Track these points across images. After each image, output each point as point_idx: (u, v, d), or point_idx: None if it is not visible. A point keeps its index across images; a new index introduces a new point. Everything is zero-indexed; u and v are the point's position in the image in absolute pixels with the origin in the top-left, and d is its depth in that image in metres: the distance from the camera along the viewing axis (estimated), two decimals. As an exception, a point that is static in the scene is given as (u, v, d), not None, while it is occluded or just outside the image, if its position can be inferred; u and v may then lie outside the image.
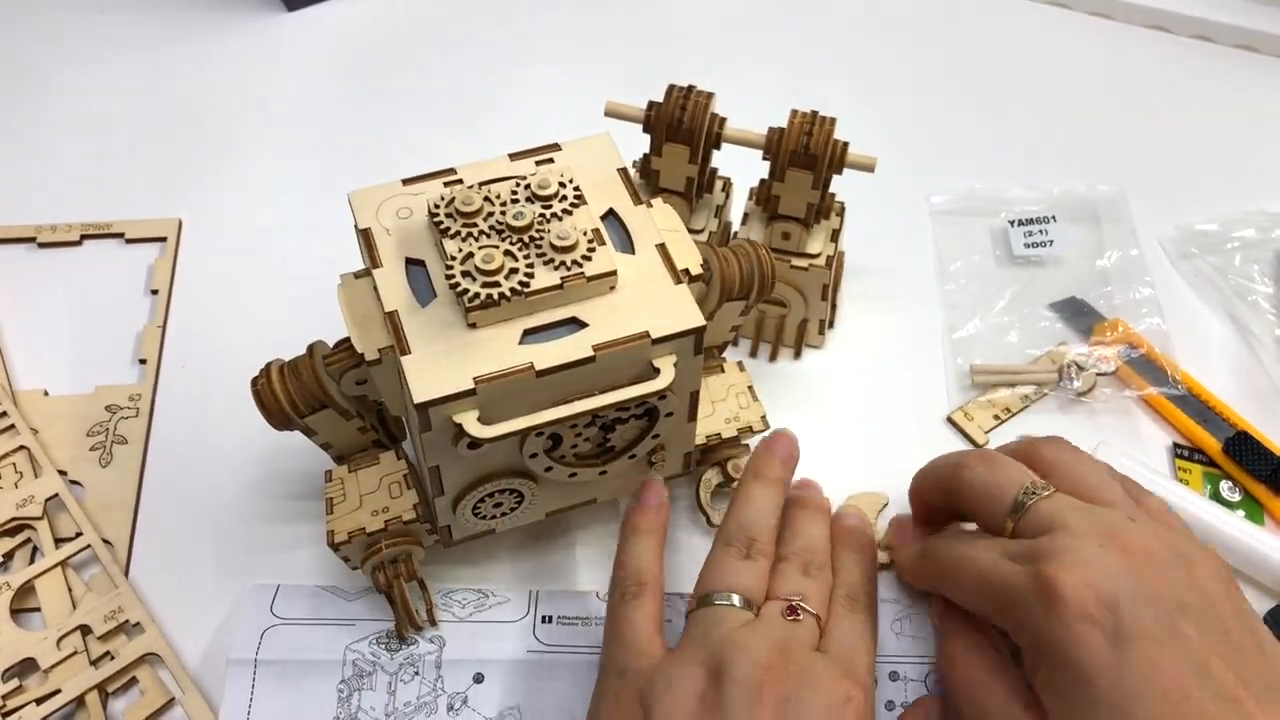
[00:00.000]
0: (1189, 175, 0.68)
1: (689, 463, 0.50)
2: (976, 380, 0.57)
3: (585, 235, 0.41)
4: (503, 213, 0.42)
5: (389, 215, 0.44)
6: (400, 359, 0.40)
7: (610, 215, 0.44)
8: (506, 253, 0.41)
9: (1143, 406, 0.57)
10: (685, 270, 0.43)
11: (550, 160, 0.46)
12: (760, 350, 0.59)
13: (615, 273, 0.41)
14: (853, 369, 0.59)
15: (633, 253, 0.43)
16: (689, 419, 0.46)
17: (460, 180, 0.45)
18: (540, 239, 0.41)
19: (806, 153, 0.51)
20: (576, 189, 0.43)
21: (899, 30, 0.77)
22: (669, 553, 0.48)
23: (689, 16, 0.78)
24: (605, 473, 0.46)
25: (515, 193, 0.43)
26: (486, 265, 0.40)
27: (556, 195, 0.43)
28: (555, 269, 0.41)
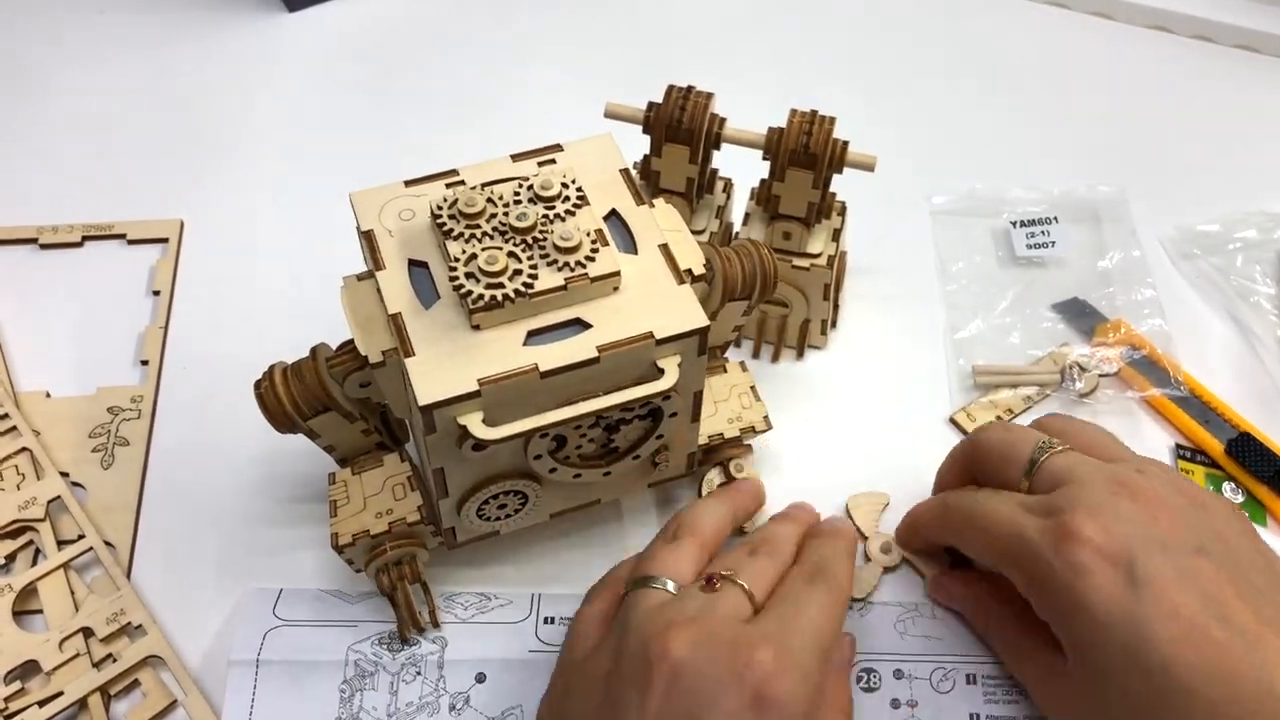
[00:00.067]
0: (1190, 175, 0.68)
1: (692, 463, 0.50)
2: (978, 381, 0.58)
3: (588, 236, 0.41)
4: (505, 214, 0.42)
5: (391, 216, 0.43)
6: (404, 361, 0.39)
7: (613, 216, 0.44)
8: (510, 254, 0.41)
9: (1145, 408, 0.57)
10: (688, 270, 0.44)
11: (552, 161, 0.46)
12: (763, 351, 0.59)
13: (619, 273, 0.41)
14: (855, 369, 0.59)
15: (635, 253, 0.43)
16: (692, 419, 0.46)
17: (462, 181, 0.45)
18: (543, 240, 0.41)
19: (806, 152, 0.51)
20: (579, 190, 0.43)
21: (899, 30, 0.77)
22: None
23: (689, 16, 0.78)
24: (609, 474, 0.46)
25: (518, 194, 0.43)
26: (490, 267, 0.40)
27: (559, 196, 0.43)
28: (559, 270, 0.41)
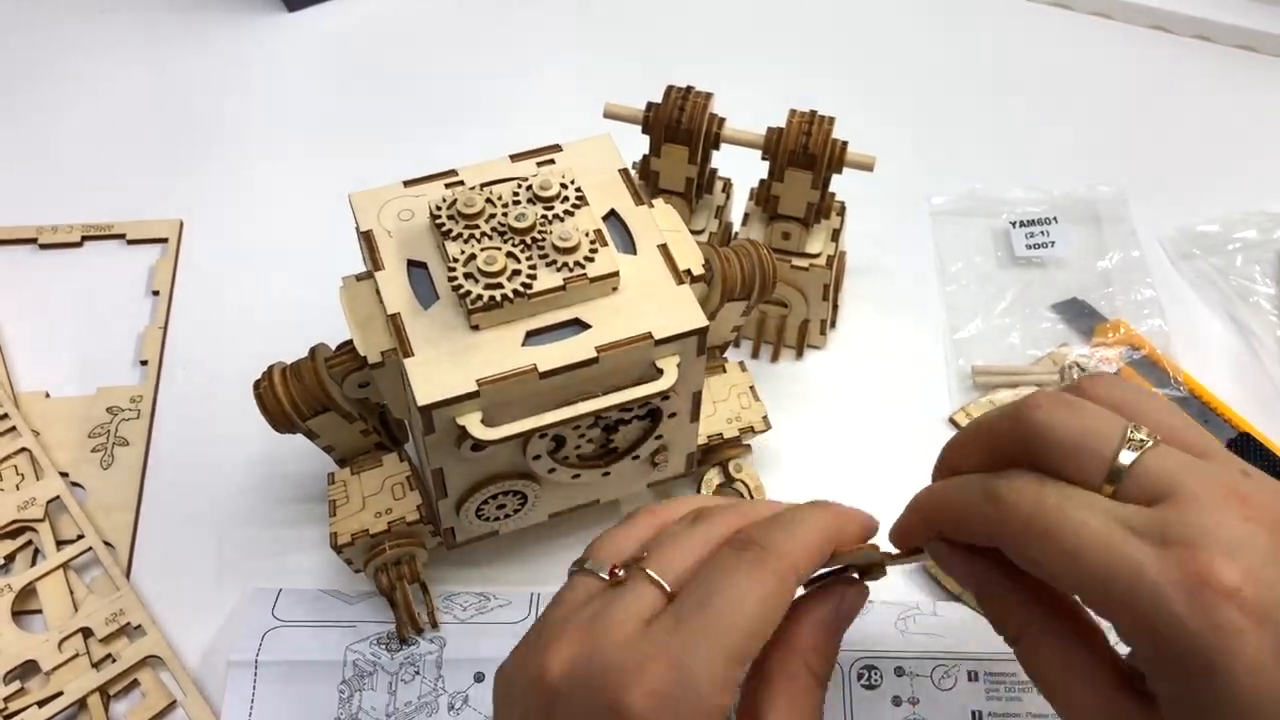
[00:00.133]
0: (1189, 176, 0.68)
1: (691, 463, 0.50)
2: (978, 381, 0.57)
3: (587, 236, 0.41)
4: (504, 214, 0.42)
5: (390, 217, 0.44)
6: (403, 361, 0.40)
7: (612, 216, 0.44)
8: (509, 254, 0.41)
9: (1144, 407, 0.57)
10: (687, 271, 0.44)
11: (551, 161, 0.46)
12: (762, 351, 0.59)
13: (618, 273, 0.41)
14: (854, 369, 0.59)
15: (635, 253, 0.43)
16: (691, 419, 0.46)
17: (461, 182, 0.45)
18: (542, 240, 0.41)
19: (805, 152, 0.51)
20: (578, 190, 0.43)
21: (898, 30, 0.77)
22: None
23: (688, 16, 0.78)
24: (608, 474, 0.46)
25: (517, 194, 0.43)
26: (489, 267, 0.40)
27: (558, 196, 0.43)
28: (558, 270, 0.41)
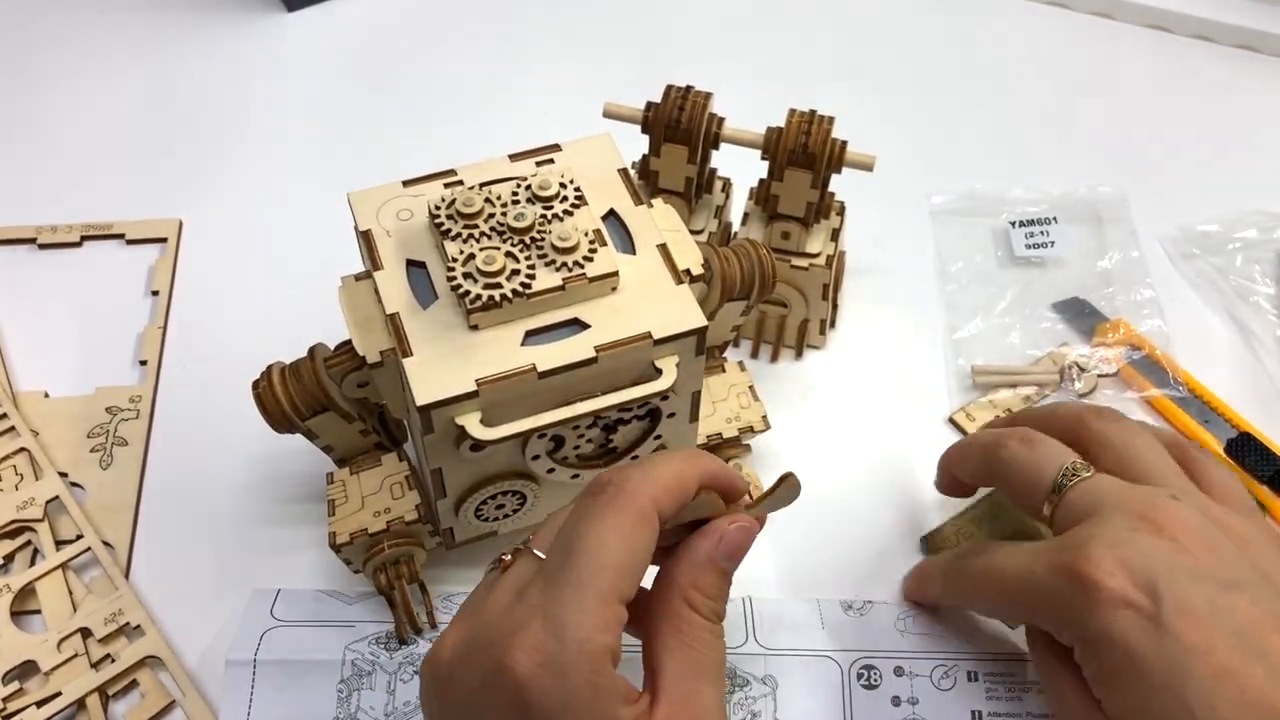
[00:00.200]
0: (1189, 175, 0.68)
1: (690, 464, 0.50)
2: (978, 381, 0.57)
3: (586, 236, 0.41)
4: (504, 214, 0.42)
5: (389, 217, 0.43)
6: (402, 361, 0.39)
7: (611, 216, 0.44)
8: (508, 254, 0.41)
9: (1145, 408, 0.57)
10: (686, 270, 0.43)
11: (550, 161, 0.46)
12: (761, 350, 0.59)
13: (617, 273, 0.41)
14: (854, 369, 0.59)
15: (634, 253, 0.43)
16: (691, 419, 0.46)
17: (461, 181, 0.45)
18: (541, 240, 0.41)
19: (805, 152, 0.51)
20: (577, 190, 0.43)
21: (898, 30, 0.77)
22: None
23: (688, 16, 0.78)
24: (607, 474, 0.46)
25: (516, 194, 0.43)
26: (488, 266, 0.40)
27: (557, 196, 0.43)
28: (557, 270, 0.41)
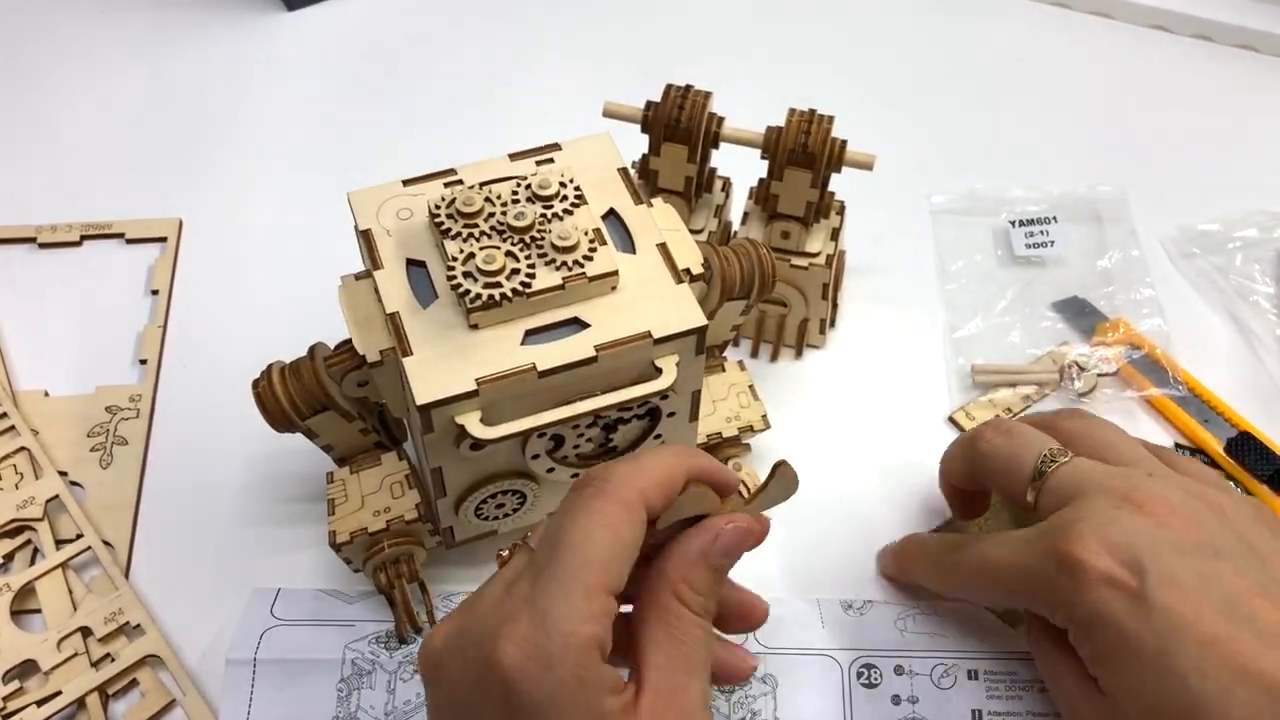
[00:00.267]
0: (1189, 175, 0.68)
1: (690, 463, 0.50)
2: (978, 380, 0.57)
3: (586, 235, 0.41)
4: (503, 213, 0.42)
5: (389, 216, 0.43)
6: (402, 360, 0.39)
7: (611, 215, 0.44)
8: (508, 253, 0.41)
9: (1144, 407, 0.57)
10: (686, 270, 0.43)
11: (550, 160, 0.46)
12: (761, 350, 0.59)
13: (617, 273, 0.41)
14: (854, 368, 0.59)
15: (634, 252, 0.43)
16: (691, 418, 0.46)
17: (460, 181, 0.45)
18: (541, 239, 0.41)
19: (804, 151, 0.51)
20: (577, 189, 0.43)
21: (898, 29, 0.77)
22: None
23: (688, 16, 0.78)
24: (607, 473, 0.46)
25: (516, 193, 0.43)
26: (488, 266, 0.40)
27: (557, 195, 0.43)
28: (557, 269, 0.41)
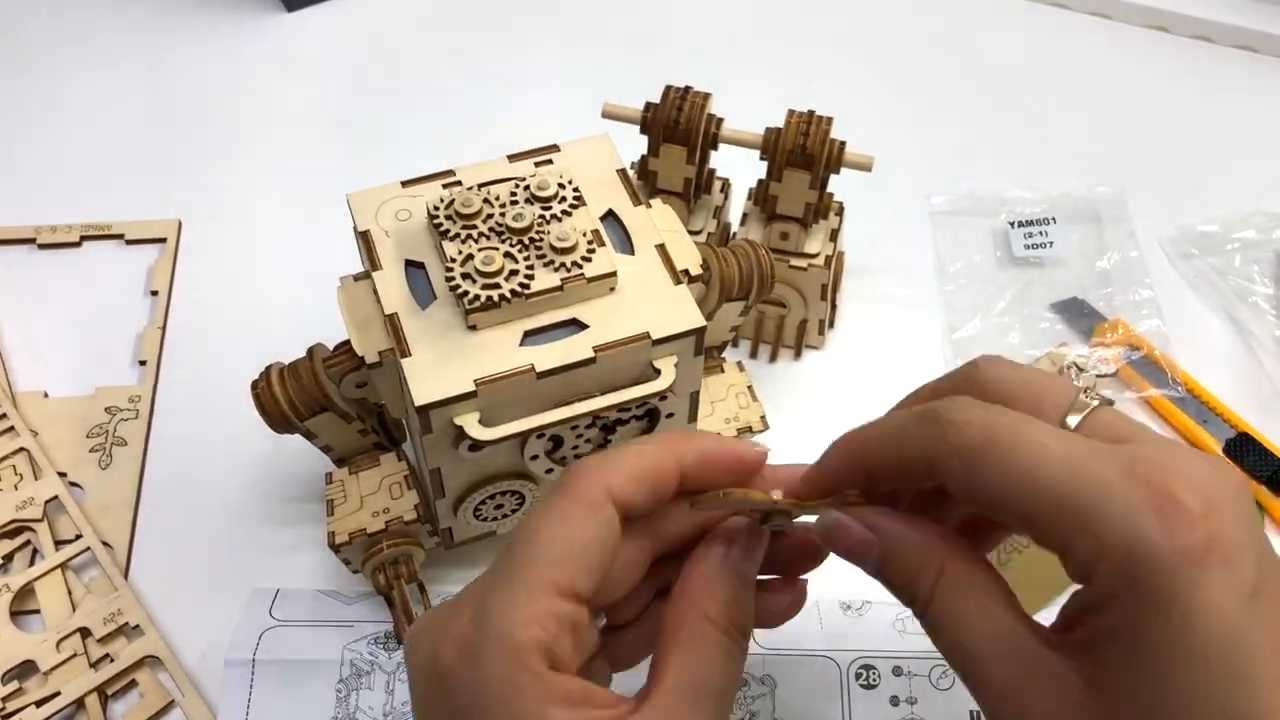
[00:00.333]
0: (1189, 176, 0.68)
1: (689, 464, 0.50)
2: (977, 381, 0.57)
3: (585, 236, 0.41)
4: (502, 214, 0.42)
5: (388, 217, 0.44)
6: (401, 361, 0.39)
7: (610, 216, 0.44)
8: (506, 254, 0.41)
9: (1143, 408, 0.57)
10: (685, 271, 0.43)
11: (549, 161, 0.46)
12: (760, 351, 0.59)
13: (615, 274, 0.41)
14: (853, 369, 0.59)
15: (632, 253, 0.43)
16: (690, 419, 0.46)
17: (459, 182, 0.45)
18: (540, 240, 0.41)
19: (803, 152, 0.51)
20: (576, 190, 0.43)
21: (897, 30, 0.77)
22: None
23: (687, 16, 0.78)
24: (605, 474, 0.46)
25: (514, 194, 0.43)
26: (486, 267, 0.40)
27: (556, 196, 0.43)
28: (555, 270, 0.41)
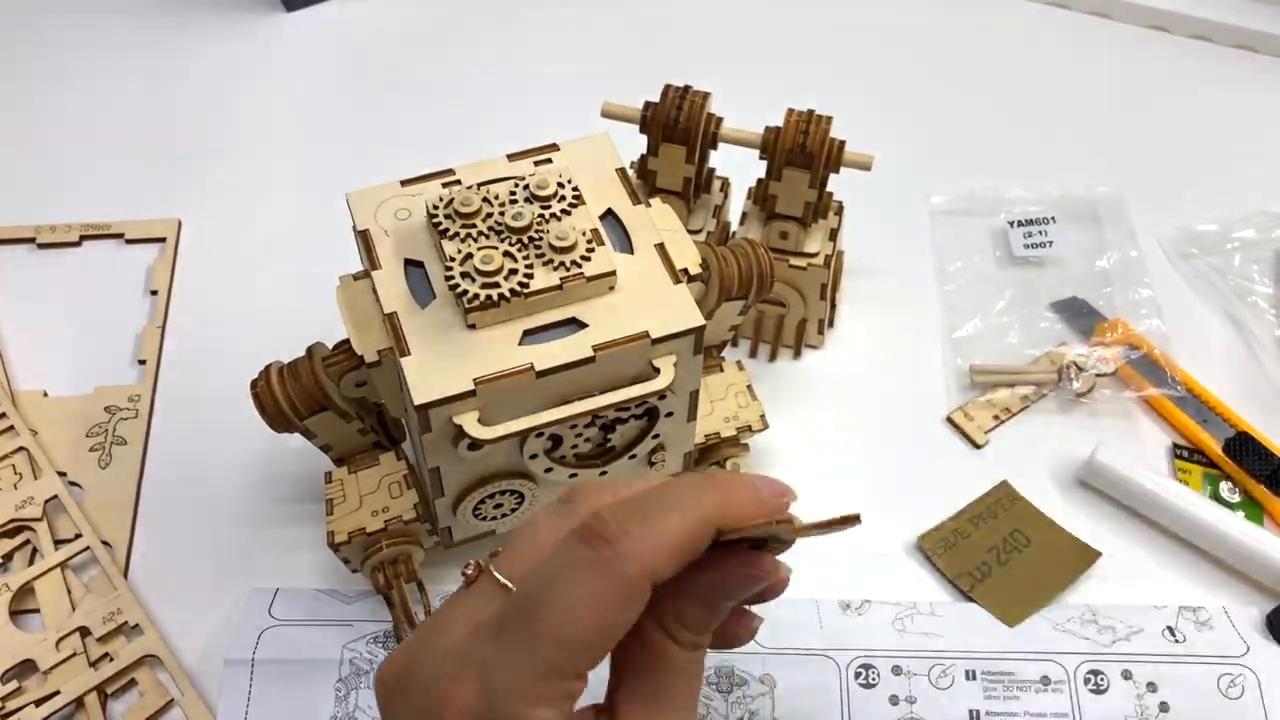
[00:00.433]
0: (1189, 175, 0.68)
1: (689, 462, 0.50)
2: (976, 380, 0.57)
3: (584, 235, 0.41)
4: (501, 213, 0.42)
5: (387, 216, 0.43)
6: (400, 360, 0.39)
7: (609, 215, 0.44)
8: (505, 253, 0.41)
9: (1143, 407, 0.57)
10: (684, 270, 0.43)
11: (548, 160, 0.46)
12: (760, 350, 0.59)
13: (614, 273, 0.41)
14: (852, 369, 0.59)
15: (632, 253, 0.43)
16: (689, 419, 0.46)
17: (459, 181, 0.45)
18: (539, 239, 0.41)
19: (803, 151, 0.51)
20: (575, 189, 0.43)
21: (897, 30, 0.77)
22: None
23: (686, 16, 0.78)
24: (605, 473, 0.46)
25: (514, 193, 0.43)
26: (486, 266, 0.40)
27: (555, 195, 0.43)
28: (554, 269, 0.41)
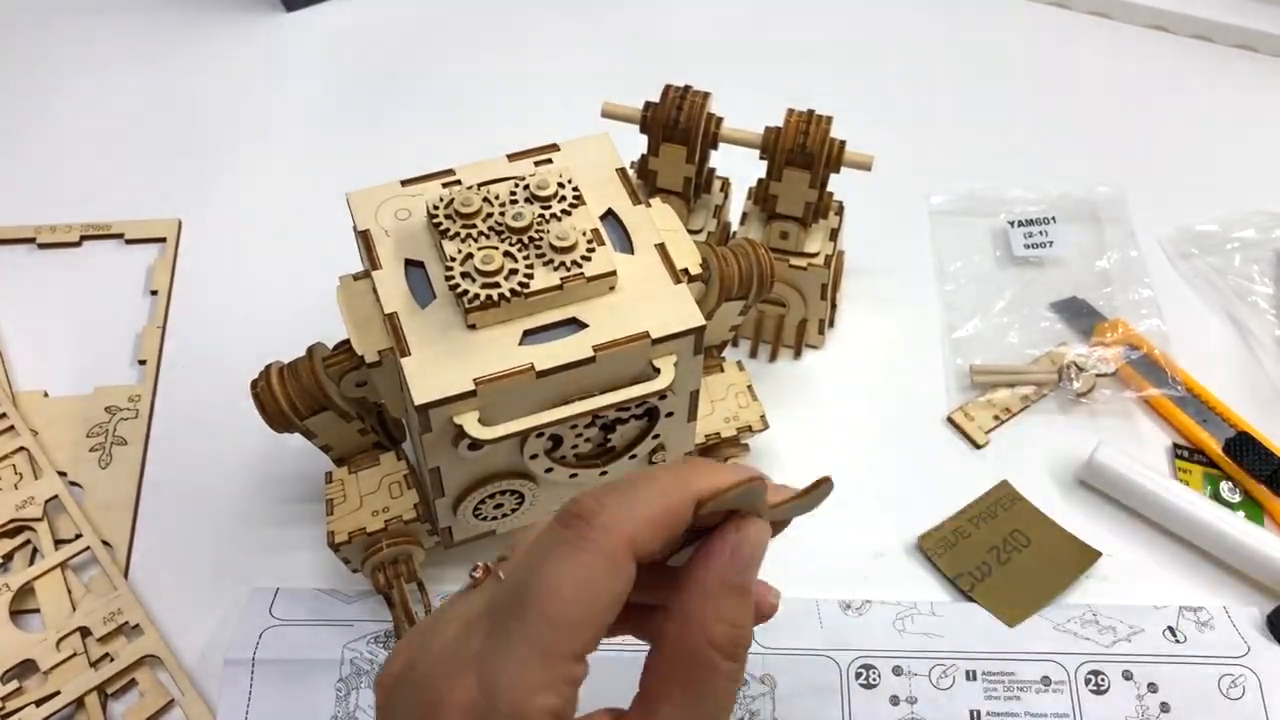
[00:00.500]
0: (1189, 175, 0.68)
1: (689, 463, 0.50)
2: (976, 380, 0.57)
3: (584, 235, 0.41)
4: (502, 213, 0.42)
5: (388, 216, 0.44)
6: (400, 360, 0.39)
7: (609, 215, 0.44)
8: (506, 253, 0.41)
9: (1143, 407, 0.57)
10: (684, 270, 0.43)
11: (549, 161, 0.46)
12: (760, 350, 0.59)
13: (615, 273, 0.41)
14: (852, 369, 0.59)
15: (632, 253, 0.43)
16: (689, 419, 0.46)
17: (459, 181, 0.45)
18: (539, 239, 0.41)
19: (803, 151, 0.51)
20: (575, 189, 0.43)
21: (898, 30, 0.77)
22: None
23: (687, 16, 0.78)
24: (605, 473, 0.46)
25: (514, 193, 0.43)
26: (486, 266, 0.40)
27: (555, 196, 0.43)
28: (555, 269, 0.41)
